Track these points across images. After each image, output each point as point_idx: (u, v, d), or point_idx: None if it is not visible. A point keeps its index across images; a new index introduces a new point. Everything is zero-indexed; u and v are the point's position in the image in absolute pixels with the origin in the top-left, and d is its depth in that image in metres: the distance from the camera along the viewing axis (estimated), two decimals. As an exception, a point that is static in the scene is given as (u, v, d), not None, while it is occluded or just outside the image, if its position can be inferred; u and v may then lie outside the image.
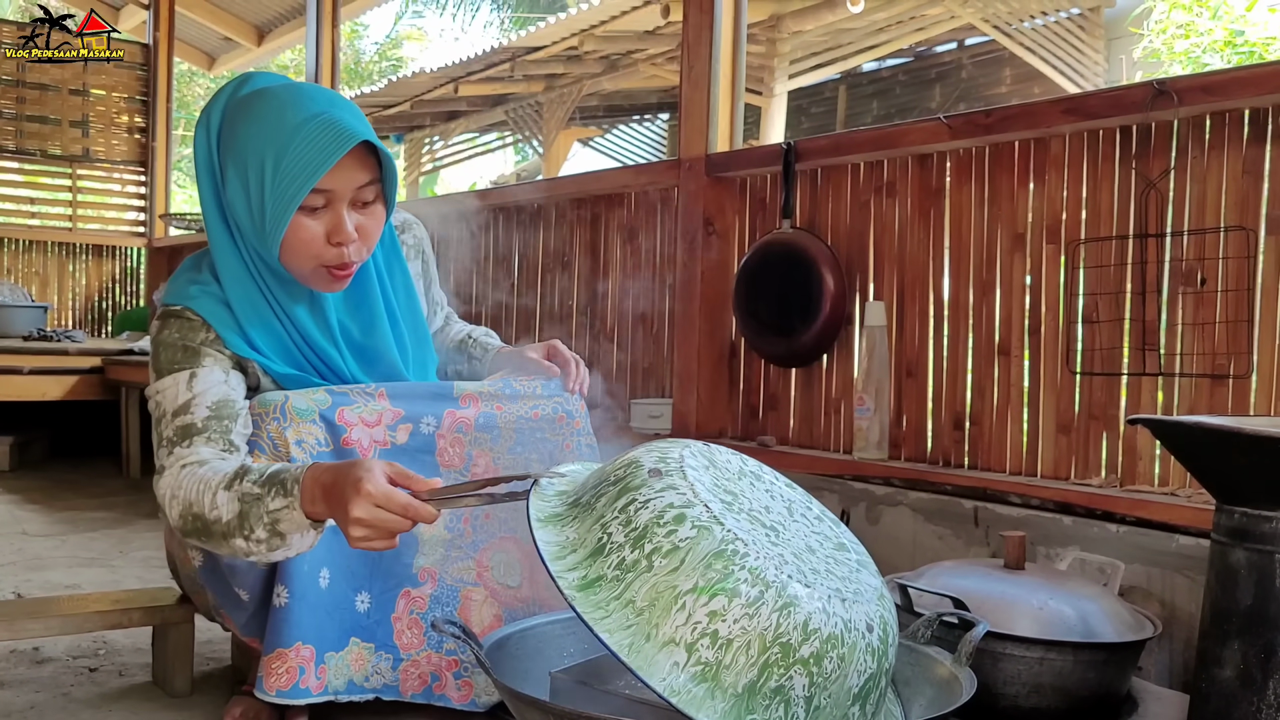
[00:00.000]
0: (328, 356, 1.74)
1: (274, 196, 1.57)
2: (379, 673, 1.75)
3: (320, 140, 1.55)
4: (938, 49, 8.88)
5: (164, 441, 1.60)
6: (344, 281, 1.69)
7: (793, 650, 1.18)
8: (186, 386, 1.62)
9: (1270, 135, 1.94)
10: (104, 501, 4.04)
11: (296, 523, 1.43)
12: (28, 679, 1.97)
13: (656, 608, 1.19)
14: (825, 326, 2.61)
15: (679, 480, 1.29)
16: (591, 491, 1.33)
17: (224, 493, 1.47)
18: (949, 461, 2.41)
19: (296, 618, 1.62)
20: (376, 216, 1.67)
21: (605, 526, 1.27)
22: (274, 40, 6.56)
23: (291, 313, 1.71)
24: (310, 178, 1.55)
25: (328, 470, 1.41)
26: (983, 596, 1.57)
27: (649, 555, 1.22)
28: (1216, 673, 1.34)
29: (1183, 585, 1.89)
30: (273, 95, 1.61)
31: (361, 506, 1.34)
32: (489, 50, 8.34)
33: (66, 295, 6.21)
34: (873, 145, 2.55)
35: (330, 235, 1.61)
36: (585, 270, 3.41)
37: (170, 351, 1.65)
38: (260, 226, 1.61)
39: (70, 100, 6.08)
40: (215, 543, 1.50)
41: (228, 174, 1.62)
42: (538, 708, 1.25)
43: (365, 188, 1.62)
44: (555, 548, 1.27)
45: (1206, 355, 2.00)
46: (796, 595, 1.20)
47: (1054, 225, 2.24)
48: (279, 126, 1.56)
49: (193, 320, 1.66)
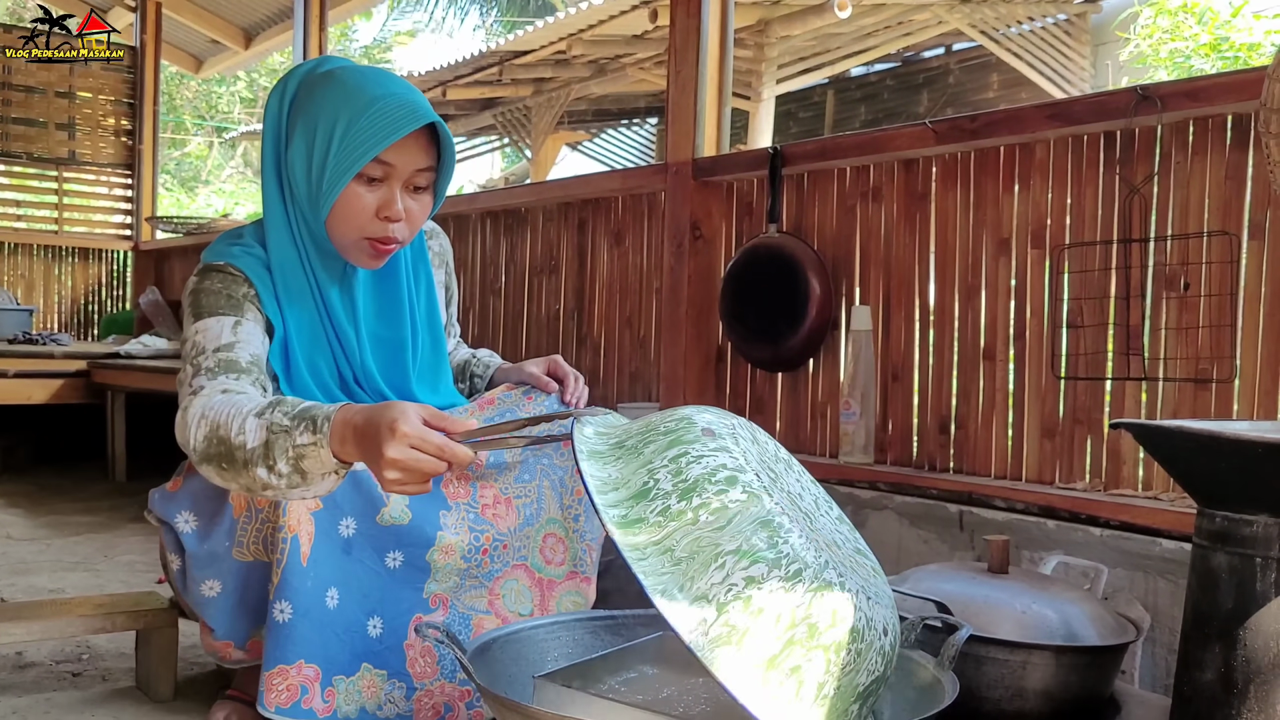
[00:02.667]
0: (346, 339, 1.75)
1: (337, 159, 1.62)
2: (392, 701, 1.73)
3: (394, 113, 1.62)
4: (925, 54, 8.91)
5: (202, 370, 1.58)
6: (382, 259, 1.72)
7: (818, 633, 1.19)
8: (231, 331, 1.63)
9: (1253, 140, 1.95)
10: (89, 506, 4.03)
11: (322, 461, 1.40)
12: (10, 684, 1.96)
13: (695, 561, 1.18)
14: (811, 331, 2.62)
15: (732, 445, 1.29)
16: (637, 437, 1.32)
17: (254, 419, 1.44)
18: (934, 466, 2.41)
19: (300, 634, 1.60)
20: (425, 205, 1.72)
21: (653, 473, 1.25)
22: (261, 43, 6.54)
23: (325, 289, 1.74)
24: (376, 145, 1.61)
25: (360, 411, 1.39)
26: (966, 600, 1.57)
27: (696, 509, 1.21)
28: (1198, 676, 1.34)
29: (1165, 589, 1.90)
30: (356, 70, 1.69)
31: (396, 447, 1.31)
32: (477, 54, 8.34)
33: (52, 298, 6.19)
34: (859, 150, 2.55)
35: (380, 209, 1.66)
36: (572, 274, 3.41)
37: (213, 298, 1.66)
38: (316, 188, 1.65)
39: (56, 103, 6.06)
40: (235, 471, 1.46)
41: (294, 136, 1.67)
42: (520, 712, 1.25)
43: (423, 172, 1.68)
44: (598, 482, 1.26)
45: (1190, 360, 2.01)
46: (831, 581, 1.21)
47: (1039, 230, 2.25)
48: (357, 95, 1.63)
49: (235, 275, 1.68)
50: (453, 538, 1.74)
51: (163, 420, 5.06)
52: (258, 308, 1.68)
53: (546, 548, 1.85)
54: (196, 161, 18.39)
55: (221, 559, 1.63)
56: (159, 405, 4.49)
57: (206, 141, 18.53)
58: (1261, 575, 1.29)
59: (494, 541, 1.80)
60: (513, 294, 3.63)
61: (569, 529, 1.87)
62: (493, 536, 1.80)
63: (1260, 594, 1.29)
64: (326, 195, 1.64)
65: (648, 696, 1.40)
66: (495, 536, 1.80)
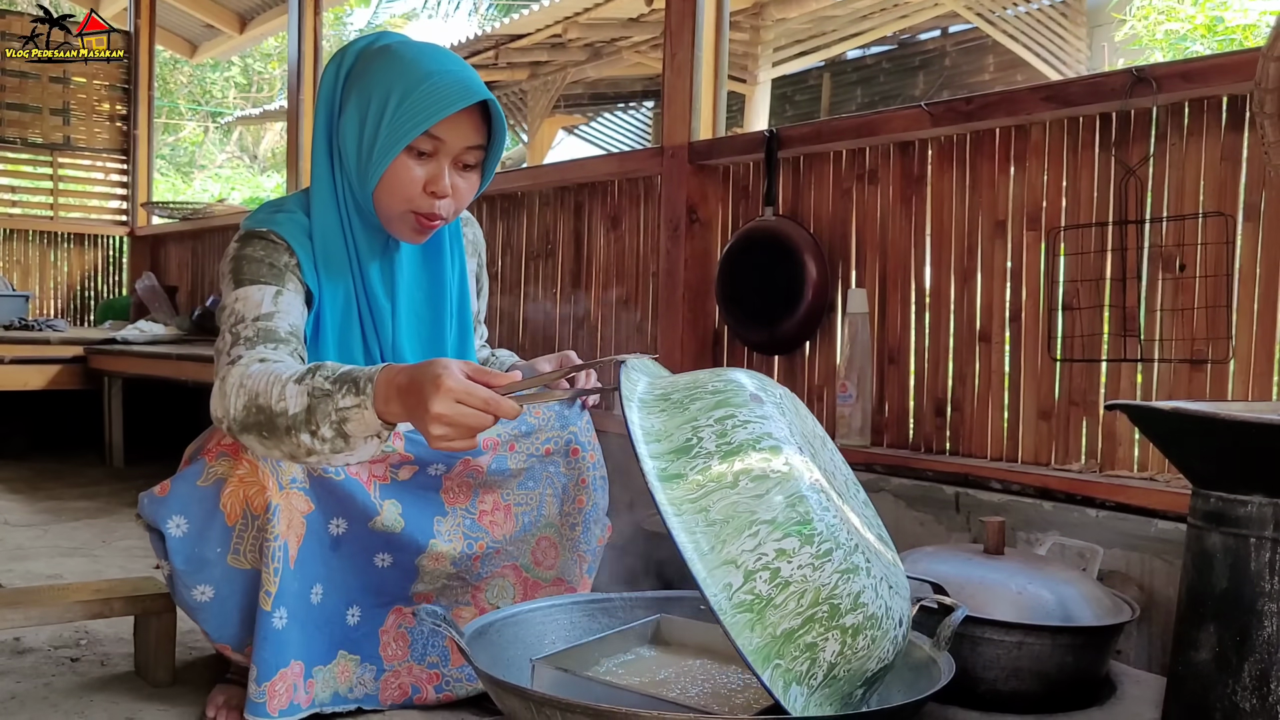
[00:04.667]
0: (380, 314, 1.74)
1: (389, 129, 1.63)
2: (362, 684, 1.75)
3: (448, 88, 1.62)
4: (921, 36, 8.88)
5: (241, 340, 1.57)
6: (426, 234, 1.72)
7: (839, 614, 1.19)
8: (272, 300, 1.62)
9: (1248, 122, 1.95)
10: (86, 491, 4.03)
11: (365, 423, 1.40)
12: (9, 669, 1.96)
13: (730, 526, 1.19)
14: (808, 314, 2.62)
15: (777, 415, 1.29)
16: (684, 392, 1.31)
17: (294, 385, 1.44)
18: (930, 448, 2.42)
19: (291, 637, 1.62)
20: (472, 183, 1.73)
21: (697, 430, 1.25)
22: (256, 28, 6.51)
23: (364, 262, 1.73)
24: (429, 119, 1.61)
25: (402, 371, 1.39)
26: (962, 581, 1.58)
27: (737, 474, 1.21)
28: (1193, 655, 1.35)
29: (1161, 569, 1.90)
30: (413, 45, 1.70)
31: (442, 402, 1.31)
32: (473, 38, 8.30)
33: (48, 284, 6.17)
34: (855, 133, 2.55)
35: (429, 184, 1.66)
36: (569, 258, 3.41)
37: (255, 266, 1.65)
38: (367, 158, 1.66)
39: (51, 88, 6.04)
40: (277, 438, 1.46)
41: (347, 106, 1.68)
42: (518, 694, 1.26)
43: (472, 150, 1.68)
44: (643, 431, 1.26)
45: (1185, 341, 2.01)
46: (858, 565, 1.22)
47: (1034, 212, 2.25)
48: (413, 69, 1.64)
49: (277, 243, 1.68)
50: (444, 545, 1.74)
51: (160, 406, 5.08)
52: (299, 277, 1.68)
53: (539, 550, 1.85)
54: (191, 147, 18.33)
55: (213, 565, 1.61)
56: (156, 391, 4.50)
57: (201, 127, 18.47)
58: (1256, 555, 1.30)
59: (487, 549, 1.80)
60: (509, 278, 3.63)
61: (564, 536, 1.87)
62: (486, 544, 1.80)
63: (1255, 574, 1.30)
64: (376, 165, 1.65)
65: (645, 678, 1.40)
66: (489, 544, 1.80)
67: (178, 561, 1.60)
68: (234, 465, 1.59)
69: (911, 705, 1.29)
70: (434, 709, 1.79)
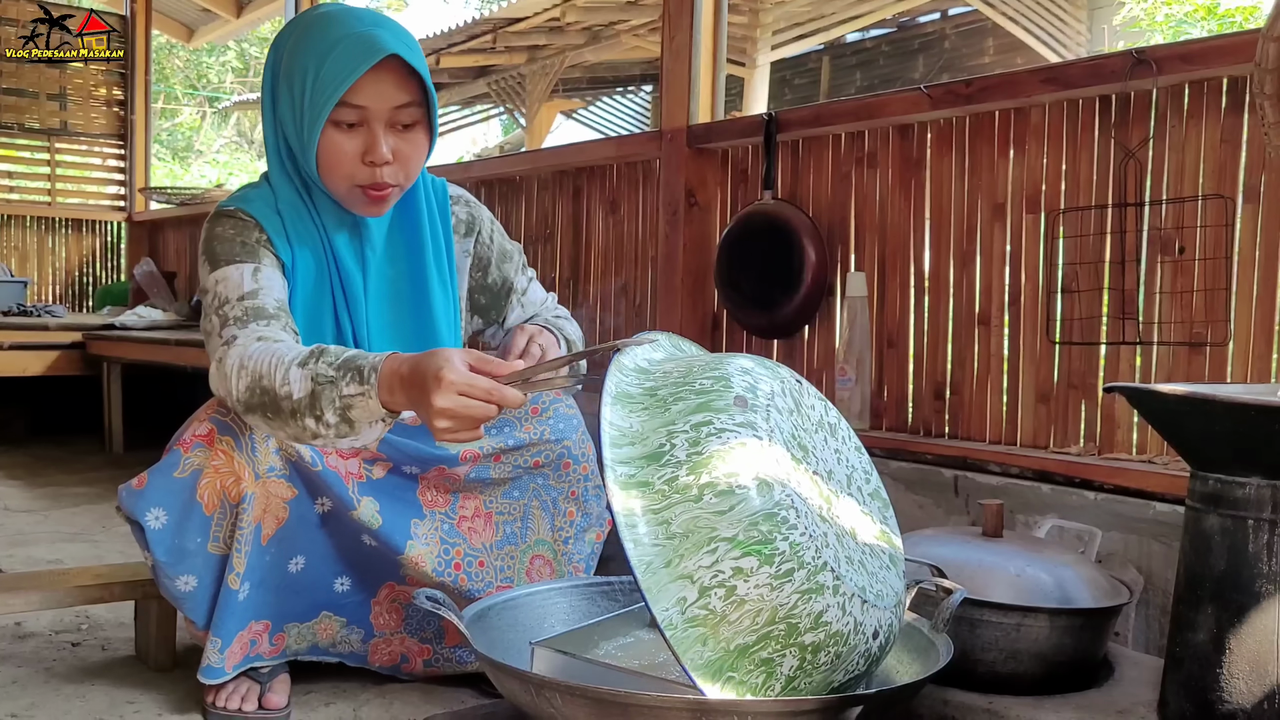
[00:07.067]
0: (351, 287, 1.71)
1: (310, 108, 1.59)
2: (347, 642, 1.76)
3: (351, 52, 1.57)
4: (921, 19, 8.86)
5: (230, 320, 1.56)
6: (381, 205, 1.68)
7: (797, 633, 1.18)
8: (251, 278, 1.61)
9: (1248, 103, 1.94)
10: (86, 477, 4.03)
11: (370, 411, 1.40)
12: (10, 654, 1.97)
13: (689, 540, 1.16)
14: (807, 298, 2.61)
15: (761, 421, 1.24)
16: (672, 387, 1.27)
17: (297, 369, 1.43)
18: (929, 431, 2.42)
19: (254, 600, 1.64)
20: (416, 143, 1.66)
21: (671, 435, 1.21)
22: (253, 11, 6.49)
23: (331, 232, 1.71)
24: (338, 88, 1.56)
25: (406, 361, 1.38)
26: (961, 564, 1.58)
27: (703, 487, 1.18)
28: (1190, 637, 1.35)
29: (1159, 552, 1.91)
30: (325, 15, 1.64)
31: (444, 396, 1.30)
32: (471, 21, 8.28)
33: (46, 270, 6.17)
34: (854, 116, 2.54)
35: (365, 154, 1.62)
36: (568, 243, 3.40)
37: (228, 245, 1.64)
38: (301, 138, 1.63)
39: (47, 73, 6.02)
40: (282, 420, 1.45)
41: (280, 89, 1.65)
42: (517, 677, 1.26)
43: (404, 109, 1.62)
44: (617, 432, 1.22)
45: (1184, 323, 2.01)
46: (823, 584, 1.19)
47: (1034, 195, 2.25)
48: (321, 40, 1.59)
49: (246, 221, 1.67)
50: (422, 548, 1.73)
51: (159, 391, 5.07)
52: (272, 251, 1.66)
53: (534, 570, 1.84)
54: (189, 132, 18.29)
55: (194, 555, 1.61)
56: (155, 376, 4.50)
57: (198, 112, 18.42)
58: (1254, 537, 1.30)
59: (466, 556, 1.78)
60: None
61: (558, 551, 1.86)
62: (464, 551, 1.78)
63: (1252, 556, 1.30)
64: (309, 145, 1.62)
65: (644, 661, 1.41)
66: (468, 551, 1.78)
67: (159, 553, 1.60)
68: (209, 456, 1.59)
69: (911, 687, 1.29)
70: (433, 687, 1.80)
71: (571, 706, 1.21)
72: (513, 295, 1.96)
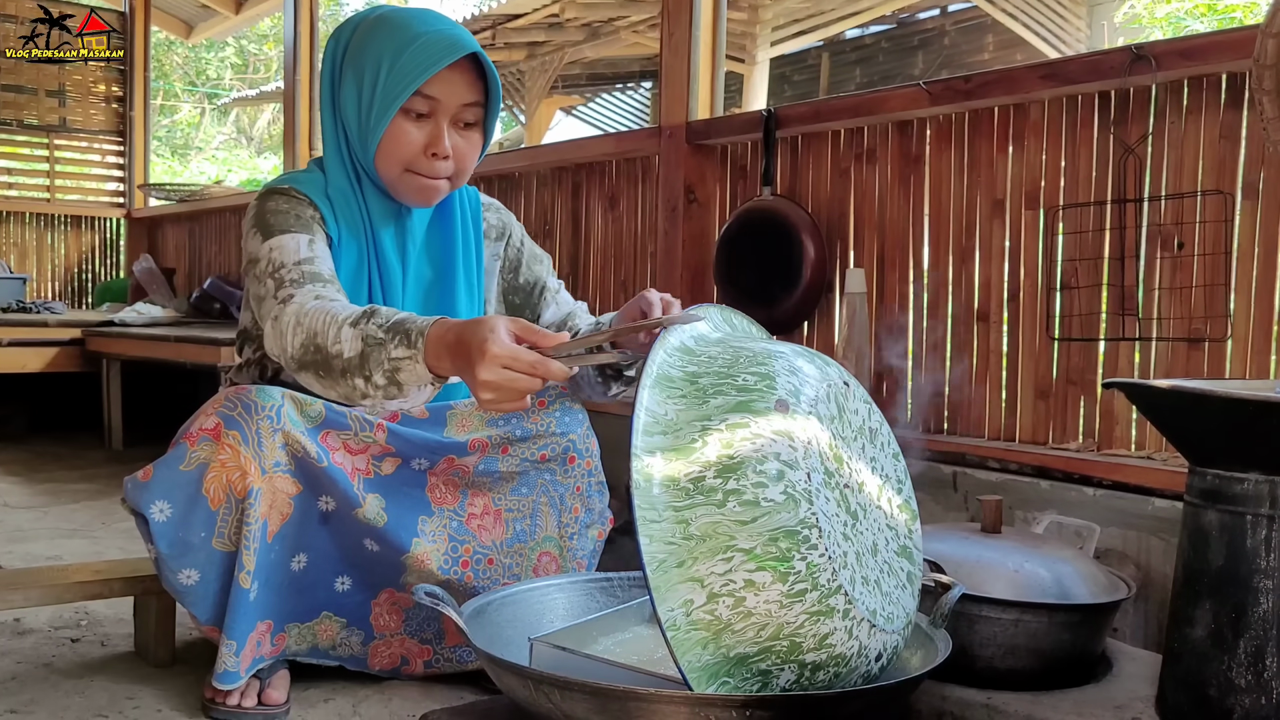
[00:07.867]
0: (390, 279, 1.75)
1: (382, 94, 1.65)
2: (347, 644, 1.76)
3: (434, 47, 1.64)
4: (920, 16, 8.84)
5: (287, 282, 1.58)
6: (432, 195, 1.73)
7: (799, 651, 1.17)
8: (308, 246, 1.64)
9: (1247, 99, 1.94)
10: (85, 474, 4.03)
11: (418, 375, 1.40)
12: (9, 650, 1.97)
13: (705, 544, 1.14)
14: (806, 294, 2.61)
15: (798, 429, 1.20)
16: (714, 377, 1.24)
17: (349, 329, 1.44)
18: (928, 427, 2.42)
19: (261, 600, 1.64)
20: (474, 143, 1.74)
21: (705, 432, 1.18)
22: (252, 8, 6.48)
23: (377, 225, 1.75)
24: (418, 78, 1.63)
25: (452, 329, 1.37)
26: (959, 560, 1.58)
27: (728, 493, 1.16)
28: (1188, 632, 1.35)
29: (1158, 547, 1.91)
30: (405, 11, 1.72)
31: (488, 369, 1.29)
32: (470, 17, 8.26)
33: (45, 267, 6.17)
34: (853, 112, 2.54)
35: (429, 145, 1.68)
36: (567, 239, 3.40)
37: (282, 217, 1.67)
38: (365, 124, 1.68)
39: (46, 70, 6.01)
40: (334, 379, 1.46)
41: (345, 77, 1.70)
42: (516, 673, 1.26)
43: (469, 107, 1.70)
44: (651, 418, 1.19)
45: (1183, 319, 2.01)
46: (834, 608, 1.18)
47: (1033, 191, 2.25)
48: (401, 34, 1.66)
49: (299, 198, 1.71)
50: (428, 545, 1.73)
51: (159, 388, 5.07)
52: (324, 229, 1.70)
53: (541, 567, 1.85)
54: (188, 129, 18.28)
55: (198, 549, 1.61)
56: (154, 373, 4.50)
57: (197, 108, 18.40)
58: (1252, 532, 1.30)
59: (475, 554, 1.79)
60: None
61: (564, 548, 1.87)
62: (474, 548, 1.79)
63: (1251, 551, 1.30)
64: (375, 130, 1.67)
65: (643, 657, 1.41)
66: (477, 549, 1.79)
67: (162, 546, 1.61)
68: (216, 450, 1.59)
69: (909, 682, 1.29)
70: (432, 683, 1.80)
71: (570, 702, 1.21)
72: (545, 293, 1.98)
